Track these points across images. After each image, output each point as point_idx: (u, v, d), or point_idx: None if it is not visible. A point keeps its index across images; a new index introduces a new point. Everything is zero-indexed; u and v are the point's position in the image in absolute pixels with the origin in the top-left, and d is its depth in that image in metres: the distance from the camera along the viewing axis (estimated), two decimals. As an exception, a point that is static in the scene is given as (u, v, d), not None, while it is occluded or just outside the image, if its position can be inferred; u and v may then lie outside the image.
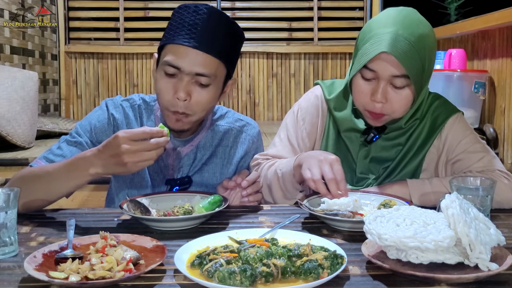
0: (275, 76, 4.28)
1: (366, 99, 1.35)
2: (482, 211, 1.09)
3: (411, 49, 1.28)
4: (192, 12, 1.34)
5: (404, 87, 1.32)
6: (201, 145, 1.51)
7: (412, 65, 1.28)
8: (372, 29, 1.34)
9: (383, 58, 1.29)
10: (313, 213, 1.20)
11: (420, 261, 0.89)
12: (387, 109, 1.34)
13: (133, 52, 4.19)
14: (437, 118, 1.45)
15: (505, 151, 2.43)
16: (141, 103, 1.51)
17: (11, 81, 2.72)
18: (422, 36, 1.30)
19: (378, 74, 1.32)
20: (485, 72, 2.59)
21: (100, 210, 1.39)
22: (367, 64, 1.31)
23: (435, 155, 1.46)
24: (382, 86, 1.32)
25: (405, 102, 1.35)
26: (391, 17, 1.33)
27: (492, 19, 2.44)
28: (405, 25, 1.30)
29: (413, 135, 1.45)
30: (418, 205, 1.23)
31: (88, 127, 1.44)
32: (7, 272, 0.93)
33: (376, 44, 1.29)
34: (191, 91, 1.34)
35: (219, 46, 1.34)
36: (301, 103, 1.57)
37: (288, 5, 4.27)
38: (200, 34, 1.32)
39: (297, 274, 0.89)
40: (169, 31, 1.37)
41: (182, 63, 1.32)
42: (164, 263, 0.95)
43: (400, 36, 1.28)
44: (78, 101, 4.25)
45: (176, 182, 1.48)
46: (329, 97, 1.50)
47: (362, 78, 1.35)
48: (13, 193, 1.01)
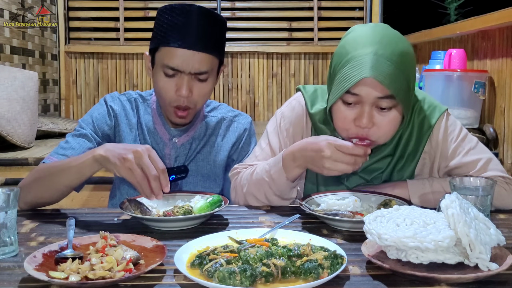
0: (275, 76, 4.28)
1: (350, 125, 1.26)
2: (482, 211, 1.09)
3: (395, 70, 1.20)
4: (180, 13, 1.40)
5: (391, 108, 1.24)
6: (196, 135, 1.58)
7: (397, 86, 1.20)
8: (348, 51, 1.24)
9: (366, 82, 1.20)
10: (313, 213, 1.20)
11: (420, 261, 0.89)
12: (373, 133, 1.26)
13: (133, 52, 4.19)
14: (423, 121, 1.38)
15: (505, 151, 2.43)
16: (137, 97, 1.60)
17: (11, 81, 2.72)
18: (403, 54, 1.22)
19: (362, 98, 1.23)
20: (485, 72, 2.59)
21: (100, 210, 1.39)
22: (349, 89, 1.22)
23: (427, 161, 1.41)
24: (367, 110, 1.23)
25: (393, 125, 1.27)
26: (367, 36, 1.24)
27: (492, 19, 2.44)
28: (383, 44, 1.21)
29: (400, 143, 1.38)
30: (417, 205, 1.22)
31: (90, 120, 1.54)
32: (7, 272, 0.93)
33: (356, 68, 1.20)
34: (192, 87, 1.43)
35: (211, 41, 1.42)
36: (284, 111, 1.48)
37: (288, 5, 4.27)
38: (192, 34, 1.39)
39: (297, 274, 0.89)
40: (160, 33, 1.43)
41: (181, 65, 1.40)
42: (164, 263, 0.95)
43: (381, 57, 1.19)
44: (78, 101, 4.25)
45: (173, 170, 1.49)
46: (312, 110, 1.42)
47: (344, 104, 1.26)
48: (13, 193, 1.02)
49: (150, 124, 1.56)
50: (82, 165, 1.26)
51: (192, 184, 1.56)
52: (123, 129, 1.55)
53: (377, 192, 1.35)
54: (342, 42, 1.29)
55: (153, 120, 1.56)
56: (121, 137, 1.55)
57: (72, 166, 1.28)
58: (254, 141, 1.64)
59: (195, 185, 1.56)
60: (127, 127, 1.55)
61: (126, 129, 1.55)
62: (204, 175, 1.57)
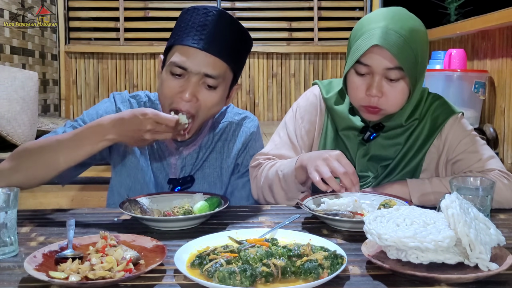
0: (275, 76, 4.28)
1: (362, 94, 1.36)
2: (482, 211, 1.09)
3: (402, 42, 1.30)
4: (202, 14, 1.34)
5: (399, 79, 1.33)
6: (203, 144, 1.52)
7: (404, 57, 1.30)
8: (363, 26, 1.36)
9: (375, 51, 1.31)
10: (313, 213, 1.20)
11: (420, 261, 0.89)
12: (383, 103, 1.35)
13: (133, 52, 4.19)
14: (437, 118, 1.45)
15: (505, 151, 2.43)
16: (147, 100, 1.53)
17: (11, 81, 2.72)
18: (412, 29, 1.32)
19: (372, 68, 1.33)
20: (485, 72, 2.59)
21: (100, 210, 1.39)
22: (360, 59, 1.33)
23: (435, 154, 1.45)
24: (376, 80, 1.33)
25: (400, 95, 1.35)
26: (381, 14, 1.36)
27: (492, 19, 2.44)
28: (395, 20, 1.32)
29: (413, 134, 1.45)
30: (418, 205, 1.23)
31: (94, 116, 1.46)
32: (7, 272, 0.93)
33: (367, 39, 1.31)
34: (198, 93, 1.34)
35: (227, 49, 1.34)
36: (300, 102, 1.58)
37: (288, 5, 4.27)
38: (209, 36, 1.32)
39: (297, 274, 0.89)
40: (177, 32, 1.37)
41: (190, 64, 1.32)
42: (164, 263, 0.95)
43: (390, 30, 1.30)
44: (78, 101, 4.24)
45: (179, 181, 1.48)
46: (327, 96, 1.52)
47: (356, 74, 1.37)
48: (13, 193, 1.02)
49: None
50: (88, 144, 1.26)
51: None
52: None
53: (377, 192, 1.36)
54: (360, 20, 1.42)
55: None
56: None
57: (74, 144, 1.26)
58: (261, 144, 1.60)
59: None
60: None
61: None
62: (210, 182, 1.52)
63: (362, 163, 1.47)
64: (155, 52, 4.17)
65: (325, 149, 1.49)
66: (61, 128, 1.45)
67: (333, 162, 1.26)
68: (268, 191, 1.44)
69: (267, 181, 1.43)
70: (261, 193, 1.46)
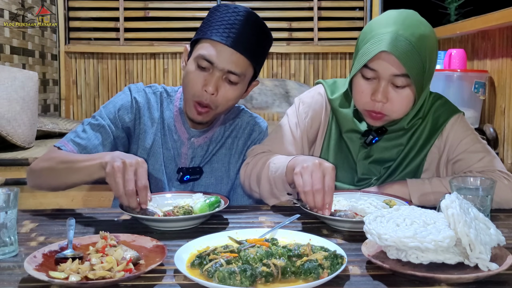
0: (275, 76, 4.28)
1: (367, 99, 1.35)
2: (482, 211, 1.09)
3: (412, 49, 1.28)
4: (232, 12, 1.42)
5: (405, 86, 1.32)
6: (214, 138, 1.57)
7: (412, 65, 1.28)
8: (373, 29, 1.34)
9: (383, 57, 1.29)
10: (313, 213, 1.20)
11: (420, 261, 0.89)
12: (387, 109, 1.34)
13: (133, 52, 4.19)
14: (438, 118, 1.45)
15: (505, 151, 2.44)
16: (163, 91, 1.58)
17: (11, 81, 2.72)
18: (422, 36, 1.30)
19: (379, 74, 1.32)
20: (485, 72, 2.59)
21: (100, 210, 1.39)
22: (368, 64, 1.32)
23: (436, 154, 1.45)
24: (382, 85, 1.32)
25: (405, 102, 1.34)
26: (391, 17, 1.33)
27: (492, 19, 2.44)
28: (405, 26, 1.30)
29: (414, 135, 1.45)
30: (418, 205, 1.23)
31: (112, 109, 1.51)
32: (7, 272, 0.93)
33: (376, 44, 1.29)
34: (220, 87, 1.41)
35: (252, 48, 1.41)
36: (303, 98, 1.55)
37: (288, 5, 4.27)
38: (237, 34, 1.39)
39: (297, 274, 0.89)
40: (206, 26, 1.43)
41: (216, 59, 1.38)
42: (164, 263, 0.95)
43: (400, 36, 1.28)
44: (78, 101, 4.24)
45: (188, 170, 1.52)
46: (332, 96, 1.50)
47: (363, 78, 1.35)
48: (13, 193, 1.02)
49: (171, 121, 1.54)
50: (91, 168, 1.27)
51: (204, 186, 1.54)
52: (144, 122, 1.52)
53: (377, 192, 1.36)
54: (370, 22, 1.40)
55: (174, 118, 1.54)
56: (141, 130, 1.52)
57: (81, 167, 1.29)
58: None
59: (207, 187, 1.54)
60: (149, 120, 1.53)
61: (148, 123, 1.53)
62: (217, 177, 1.56)
63: (364, 165, 1.46)
64: (155, 52, 4.18)
65: (328, 149, 1.49)
66: (80, 127, 1.48)
67: (317, 173, 1.18)
68: (255, 180, 1.41)
69: (257, 170, 1.41)
70: (248, 180, 1.44)
